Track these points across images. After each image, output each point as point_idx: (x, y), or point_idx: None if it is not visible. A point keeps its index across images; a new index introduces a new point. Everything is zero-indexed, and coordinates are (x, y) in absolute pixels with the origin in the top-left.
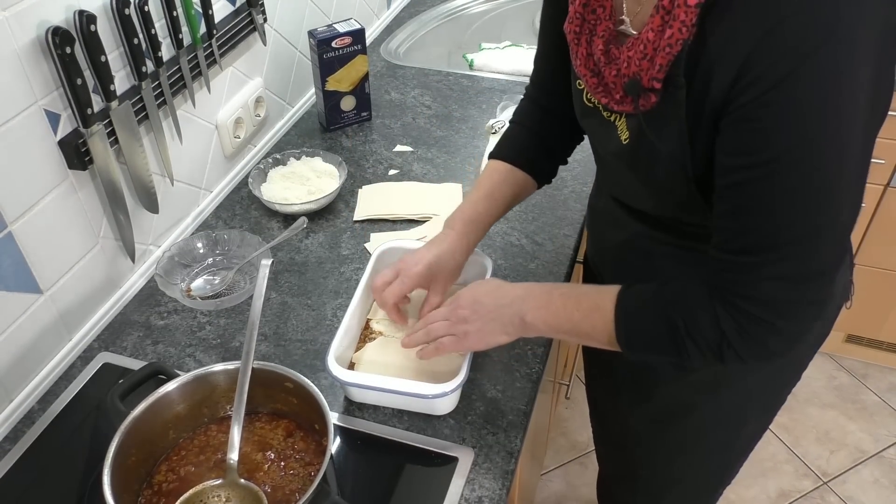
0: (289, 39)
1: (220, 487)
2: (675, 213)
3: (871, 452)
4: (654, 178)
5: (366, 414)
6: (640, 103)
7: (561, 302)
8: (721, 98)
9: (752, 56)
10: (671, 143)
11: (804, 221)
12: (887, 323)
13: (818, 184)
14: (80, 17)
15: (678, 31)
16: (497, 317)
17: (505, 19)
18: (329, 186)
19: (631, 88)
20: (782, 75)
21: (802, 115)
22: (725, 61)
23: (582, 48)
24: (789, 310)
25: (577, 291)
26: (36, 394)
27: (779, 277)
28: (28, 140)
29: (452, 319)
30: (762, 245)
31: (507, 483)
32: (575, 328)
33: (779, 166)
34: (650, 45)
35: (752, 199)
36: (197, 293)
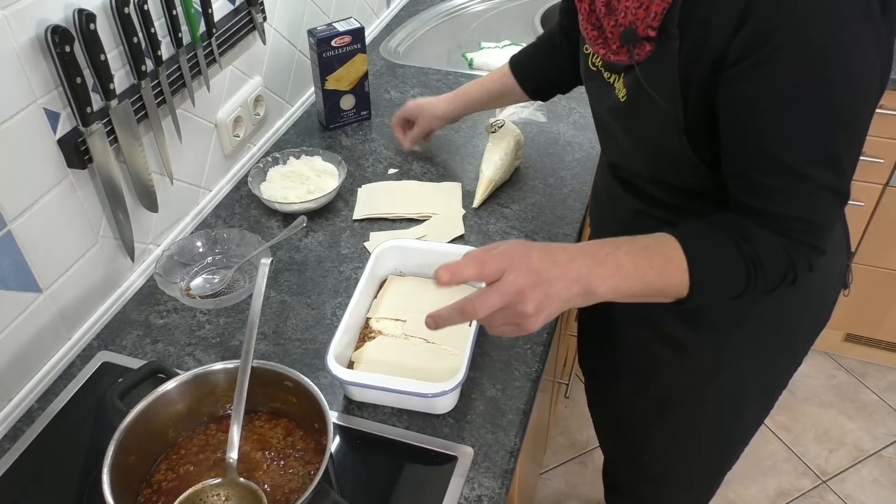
0: (288, 38)
1: (219, 486)
2: (669, 175)
3: (870, 451)
4: (648, 135)
5: (365, 413)
6: (635, 52)
7: (631, 263)
8: (721, 47)
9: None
10: (664, 94)
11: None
12: (886, 322)
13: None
14: (79, 16)
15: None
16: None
17: (504, 18)
18: (328, 185)
19: (626, 37)
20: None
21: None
22: (723, 9)
23: (584, 4)
24: (825, 228)
25: (639, 247)
26: (35, 393)
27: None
28: (27, 139)
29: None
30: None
31: (507, 482)
32: (647, 287)
33: (793, 105)
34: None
35: (769, 143)
36: (196, 292)
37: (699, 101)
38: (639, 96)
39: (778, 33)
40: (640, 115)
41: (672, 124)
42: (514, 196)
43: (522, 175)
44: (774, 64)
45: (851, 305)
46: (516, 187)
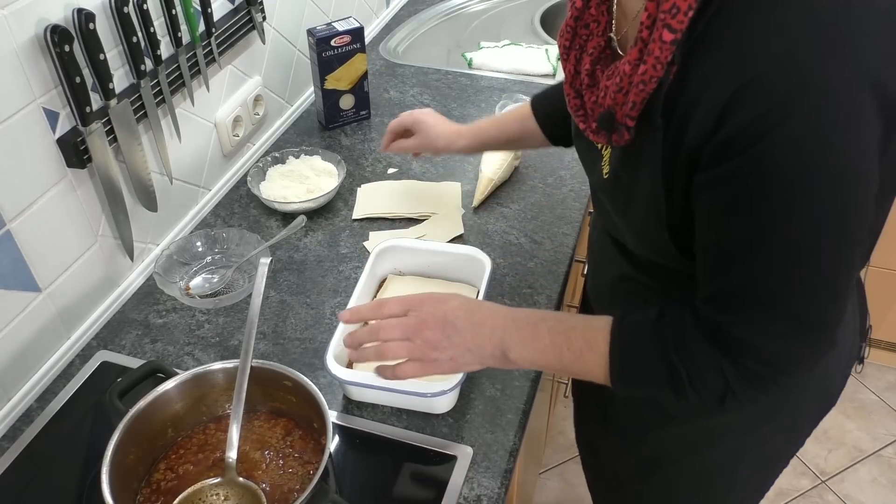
0: (288, 38)
1: (218, 486)
2: (653, 256)
3: (870, 451)
4: (629, 218)
5: (364, 412)
6: (613, 138)
7: (549, 339)
8: (697, 147)
9: (730, 106)
10: (645, 186)
11: (797, 284)
12: (885, 322)
13: (810, 249)
14: (78, 16)
15: (652, 67)
16: (474, 347)
17: (504, 18)
18: (328, 185)
19: (604, 122)
20: (764, 131)
21: (788, 178)
22: (703, 107)
23: (570, 64)
24: (790, 365)
25: (566, 325)
26: (34, 392)
27: (777, 336)
28: (27, 138)
29: (417, 342)
30: (755, 305)
31: (506, 482)
32: (565, 368)
33: (765, 232)
34: (626, 78)
35: (738, 263)
36: (196, 291)
37: (682, 200)
38: (621, 180)
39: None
40: (623, 197)
41: (654, 217)
42: (513, 196)
43: (522, 175)
44: (750, 180)
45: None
46: (516, 187)
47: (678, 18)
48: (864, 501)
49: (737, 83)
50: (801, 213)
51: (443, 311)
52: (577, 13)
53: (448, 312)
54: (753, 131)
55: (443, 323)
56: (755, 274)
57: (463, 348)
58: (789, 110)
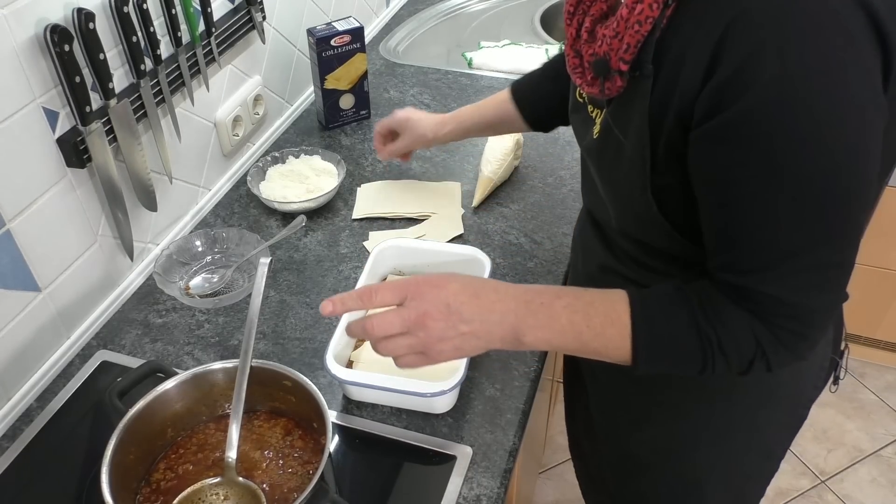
0: (287, 37)
1: (218, 486)
2: (636, 231)
3: (869, 451)
4: (614, 182)
5: (364, 412)
6: (605, 86)
7: (567, 318)
8: (689, 98)
9: (719, 49)
10: (632, 138)
11: (816, 230)
12: (885, 322)
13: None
14: (78, 15)
15: (648, 6)
16: (483, 334)
17: (504, 18)
18: (328, 185)
19: (598, 68)
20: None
21: (791, 119)
22: (692, 52)
23: (572, 28)
24: (818, 315)
25: (583, 301)
26: (34, 392)
27: (805, 287)
28: (26, 138)
29: (420, 335)
30: (777, 259)
31: (506, 481)
32: (584, 346)
33: (775, 181)
34: (623, 21)
35: (752, 219)
36: (195, 291)
37: (668, 154)
38: (609, 136)
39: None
40: (610, 157)
41: (638, 177)
42: (513, 196)
43: (521, 175)
44: (751, 127)
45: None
46: (515, 187)
47: None
48: (864, 501)
49: (724, 21)
50: (809, 154)
51: (444, 299)
52: None
53: (450, 299)
54: (746, 74)
55: (446, 312)
56: (772, 227)
57: (470, 336)
58: (780, 45)
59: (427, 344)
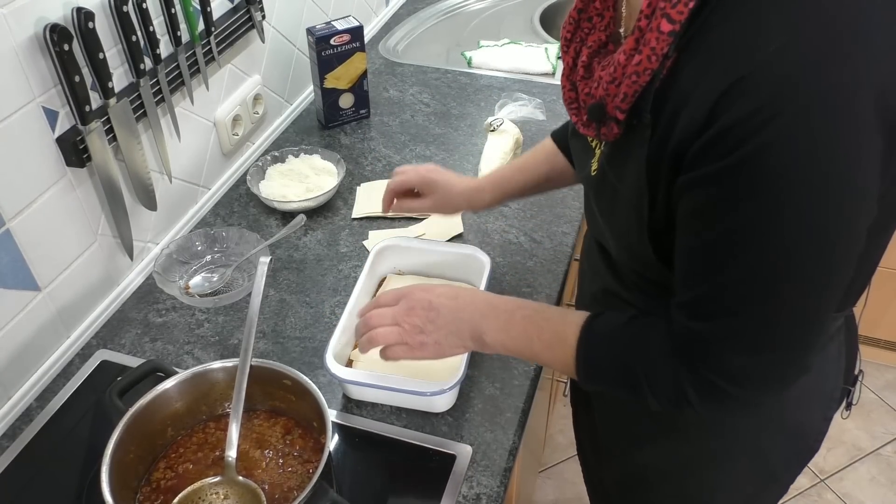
0: (287, 37)
1: (218, 485)
2: (633, 264)
3: (868, 450)
4: (613, 219)
5: (364, 411)
6: (601, 132)
7: (522, 326)
8: (683, 146)
9: (720, 105)
10: (629, 184)
11: (766, 297)
12: (884, 321)
13: (793, 259)
14: (78, 15)
15: (647, 58)
16: (456, 330)
17: (503, 17)
18: (327, 184)
19: (594, 113)
20: (753, 131)
21: (775, 182)
22: (693, 103)
23: (569, 57)
24: (749, 381)
25: (540, 316)
26: (34, 391)
27: (739, 350)
28: (26, 137)
29: (406, 326)
30: (721, 314)
31: (505, 481)
32: (535, 356)
33: (739, 238)
34: (620, 68)
35: (710, 267)
36: (195, 290)
37: (665, 202)
38: (607, 177)
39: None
40: (607, 196)
41: (636, 220)
42: None
43: None
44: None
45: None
46: None
47: (678, 9)
48: (864, 500)
49: (729, 79)
50: (786, 220)
51: (428, 298)
52: (581, 5)
53: (433, 299)
54: (742, 130)
55: (427, 308)
56: (732, 281)
57: (446, 331)
58: (782, 110)
59: (410, 335)
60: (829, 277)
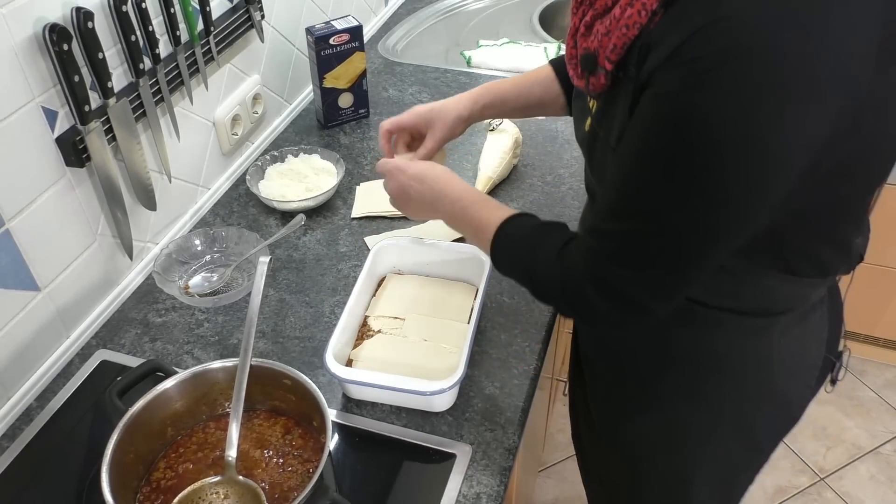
0: (286, 36)
1: (218, 484)
2: None
3: (868, 448)
4: (603, 175)
5: (364, 411)
6: (591, 81)
7: (461, 209)
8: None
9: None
10: (616, 137)
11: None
12: (884, 319)
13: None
14: (77, 14)
15: (637, 12)
16: (428, 200)
17: (503, 16)
18: (327, 183)
19: (586, 62)
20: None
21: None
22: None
23: (576, 17)
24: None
25: (479, 203)
26: (34, 391)
27: (612, 257)
28: (25, 137)
29: (403, 181)
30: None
31: (505, 479)
32: (466, 234)
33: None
34: (614, 21)
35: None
36: (195, 290)
37: None
38: (597, 131)
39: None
40: (597, 151)
41: None
42: (512, 194)
43: (521, 173)
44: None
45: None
46: (514, 185)
47: None
48: (863, 498)
49: (687, 30)
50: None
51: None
52: None
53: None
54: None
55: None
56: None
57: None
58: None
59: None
60: (716, 224)
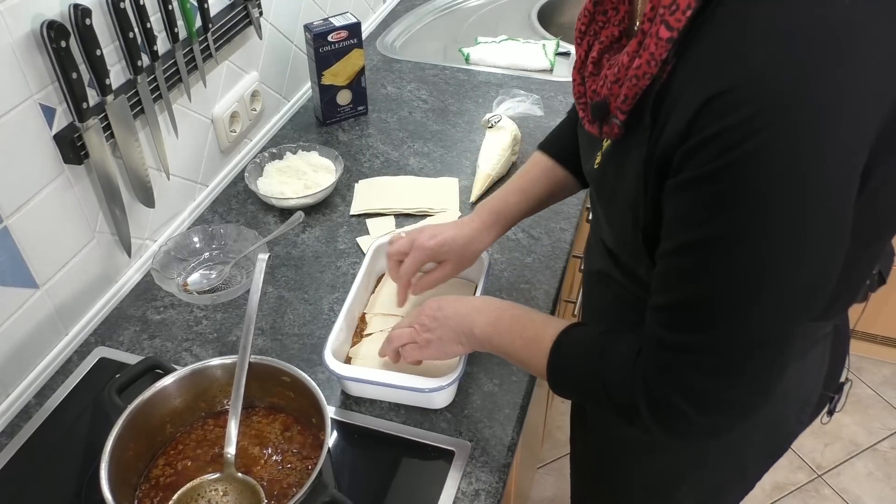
0: (284, 33)
1: (217, 481)
2: (627, 259)
3: (865, 445)
4: (611, 215)
5: (363, 408)
6: (604, 130)
7: (508, 323)
8: (668, 153)
9: (704, 113)
10: (626, 184)
11: (737, 312)
12: (881, 316)
13: (759, 274)
14: (75, 11)
15: (646, 63)
16: (455, 326)
17: (501, 13)
18: (325, 181)
19: (597, 111)
20: (735, 142)
21: (749, 195)
22: (679, 110)
23: (581, 49)
24: (704, 404)
25: (527, 317)
26: (32, 388)
27: (699, 367)
28: (23, 134)
29: (416, 326)
30: (687, 326)
31: (504, 476)
32: (515, 353)
33: (715, 247)
34: (623, 69)
35: (681, 275)
36: (193, 288)
37: (655, 206)
38: (607, 173)
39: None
40: (607, 192)
41: (631, 219)
42: None
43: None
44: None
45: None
46: None
47: (676, 16)
48: (860, 495)
49: (715, 88)
50: (763, 232)
51: (437, 303)
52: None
53: (442, 301)
54: (728, 139)
55: (435, 308)
56: (704, 291)
57: (447, 328)
58: (769, 122)
59: (419, 333)
60: (802, 292)
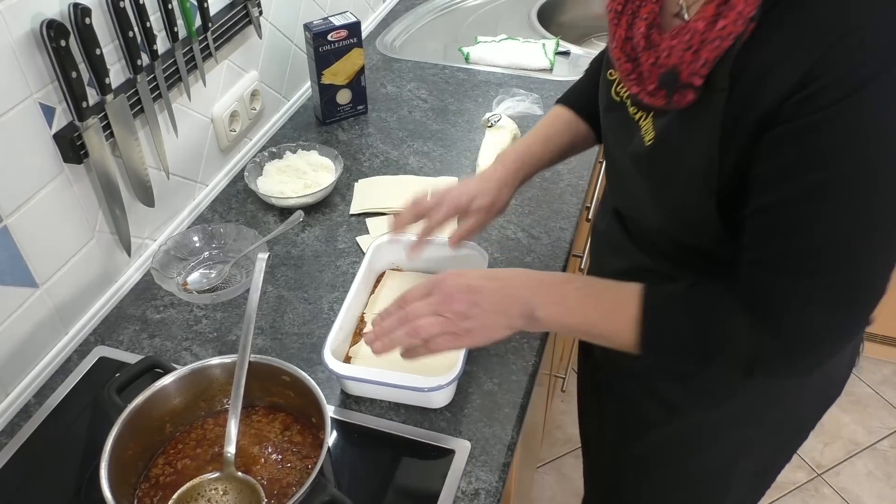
0: (284, 32)
1: (217, 481)
2: (686, 235)
3: (865, 444)
4: (669, 189)
5: (362, 407)
6: (674, 99)
7: (577, 299)
8: (773, 109)
9: (818, 66)
10: (698, 150)
11: (853, 249)
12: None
13: (874, 212)
14: (74, 10)
15: (733, 22)
16: (504, 309)
17: (501, 12)
18: (325, 180)
19: (666, 81)
20: (848, 91)
21: (866, 138)
22: (785, 68)
23: (621, 29)
24: (830, 334)
25: (594, 287)
26: (32, 388)
27: (821, 303)
28: (23, 134)
29: (449, 315)
30: (806, 269)
31: (504, 475)
32: (592, 328)
33: (832, 190)
34: (698, 35)
35: (797, 221)
36: (193, 287)
37: (736, 166)
38: (669, 145)
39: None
40: (666, 166)
41: (702, 184)
42: None
43: None
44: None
45: None
46: None
47: None
48: (860, 494)
49: (828, 41)
50: (879, 177)
51: (465, 281)
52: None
53: (471, 282)
54: (842, 86)
55: (468, 291)
56: (818, 236)
57: (491, 312)
58: (884, 67)
59: (455, 324)
60: None
